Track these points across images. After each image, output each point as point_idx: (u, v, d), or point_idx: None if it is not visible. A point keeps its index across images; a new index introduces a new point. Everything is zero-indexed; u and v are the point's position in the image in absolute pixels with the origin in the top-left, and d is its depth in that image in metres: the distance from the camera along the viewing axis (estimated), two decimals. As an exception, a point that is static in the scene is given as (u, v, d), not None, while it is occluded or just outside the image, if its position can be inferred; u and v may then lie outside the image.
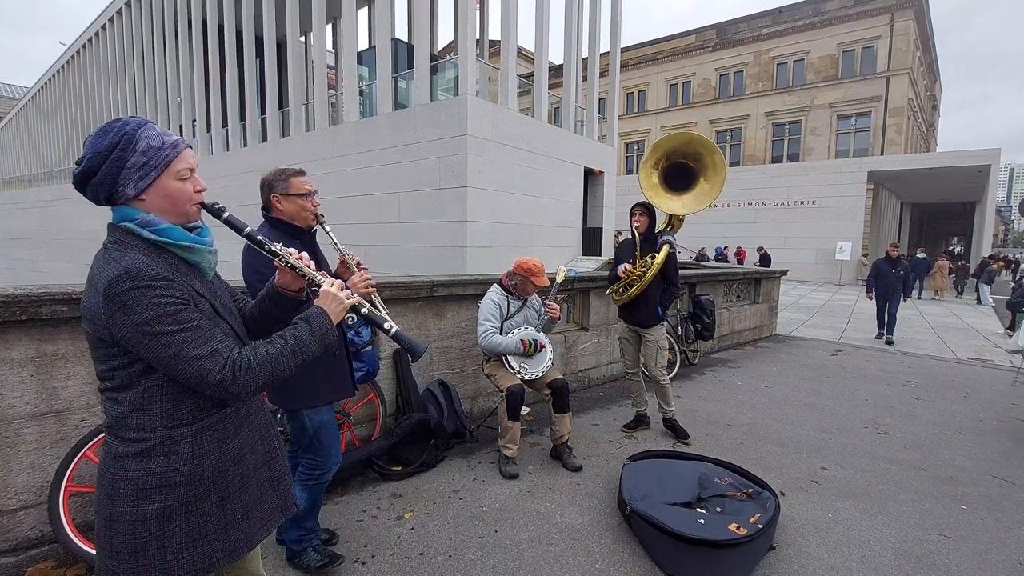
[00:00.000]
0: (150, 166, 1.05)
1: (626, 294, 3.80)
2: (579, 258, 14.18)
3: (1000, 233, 58.43)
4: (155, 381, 1.08)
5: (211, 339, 1.07)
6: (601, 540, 2.51)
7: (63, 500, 2.17)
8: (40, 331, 2.22)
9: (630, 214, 3.80)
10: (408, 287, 3.53)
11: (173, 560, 1.08)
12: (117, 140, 1.03)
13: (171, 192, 1.09)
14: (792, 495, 3.01)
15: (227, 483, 1.17)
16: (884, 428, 4.22)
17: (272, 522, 1.29)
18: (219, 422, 1.16)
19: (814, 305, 13.91)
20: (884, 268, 8.58)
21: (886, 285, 8.57)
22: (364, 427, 3.41)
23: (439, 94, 12.05)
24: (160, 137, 1.08)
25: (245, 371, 1.07)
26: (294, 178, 2.01)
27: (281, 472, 1.35)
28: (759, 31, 25.99)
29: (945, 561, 2.42)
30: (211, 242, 1.17)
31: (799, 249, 22.64)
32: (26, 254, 31.78)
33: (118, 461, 1.07)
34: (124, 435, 1.08)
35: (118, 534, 1.06)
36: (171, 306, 1.02)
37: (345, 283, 1.33)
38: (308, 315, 1.22)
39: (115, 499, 1.06)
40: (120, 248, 1.04)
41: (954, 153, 20.52)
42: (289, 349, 1.15)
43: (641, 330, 3.88)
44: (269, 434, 1.33)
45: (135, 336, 1.01)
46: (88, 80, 27.18)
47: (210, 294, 1.17)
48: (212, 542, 1.13)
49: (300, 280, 1.30)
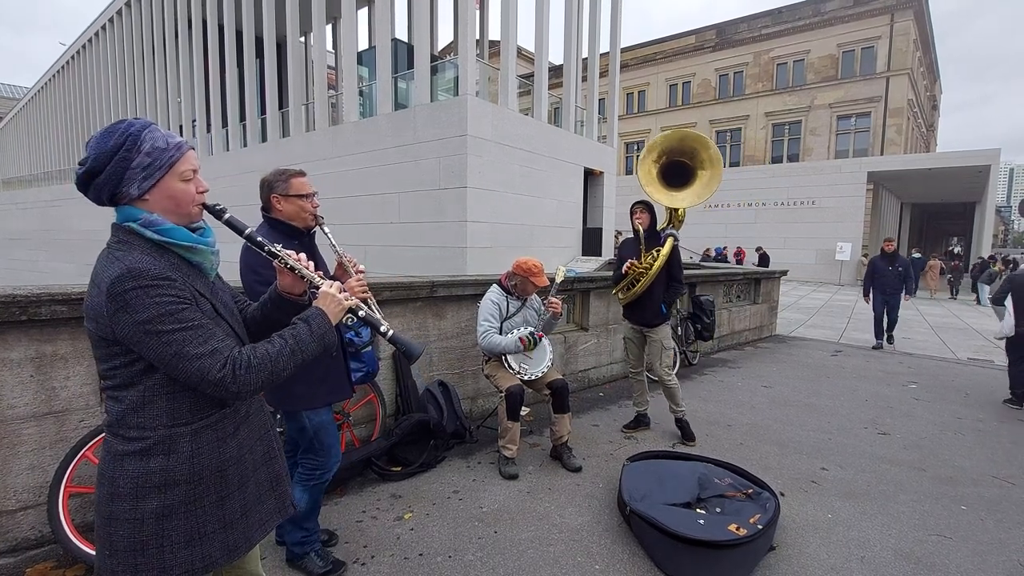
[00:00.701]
0: (154, 167, 1.07)
1: (631, 292, 3.76)
2: (579, 258, 14.18)
3: (1000, 233, 58.44)
4: (155, 380, 1.08)
5: (212, 338, 1.08)
6: (601, 541, 2.51)
7: (62, 501, 2.17)
8: (39, 331, 2.22)
9: (631, 212, 3.77)
10: (408, 287, 3.53)
11: (172, 559, 1.09)
12: (122, 141, 1.05)
13: (175, 193, 1.10)
14: (792, 495, 3.01)
15: (226, 483, 1.17)
16: (884, 428, 4.22)
17: (270, 522, 1.30)
18: (218, 422, 1.17)
19: (814, 305, 13.91)
20: (880, 266, 7.88)
21: (884, 284, 7.88)
22: (364, 428, 3.41)
23: (439, 94, 12.05)
24: (164, 139, 1.09)
25: (245, 370, 1.08)
26: (294, 179, 2.01)
27: (279, 473, 1.35)
28: (759, 31, 26.00)
29: (945, 562, 2.42)
30: (213, 243, 1.19)
31: (799, 249, 22.64)
32: (26, 254, 31.78)
33: (118, 460, 1.08)
34: (124, 434, 1.08)
35: (117, 532, 1.06)
36: (173, 305, 1.03)
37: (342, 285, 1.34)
38: (307, 316, 1.23)
39: (115, 497, 1.07)
40: (123, 248, 1.05)
41: (954, 153, 20.52)
42: (288, 349, 1.16)
43: (646, 330, 3.85)
44: (268, 435, 1.34)
45: (137, 335, 1.01)
46: (88, 80, 27.19)
47: (212, 294, 1.18)
48: (211, 542, 1.13)
49: (302, 283, 1.31)
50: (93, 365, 2.37)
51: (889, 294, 7.84)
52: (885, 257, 7.91)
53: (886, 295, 7.84)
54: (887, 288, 7.83)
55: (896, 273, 7.81)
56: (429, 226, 11.31)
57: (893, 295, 7.86)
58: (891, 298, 7.86)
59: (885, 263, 7.86)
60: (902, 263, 7.91)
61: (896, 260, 7.83)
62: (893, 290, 7.84)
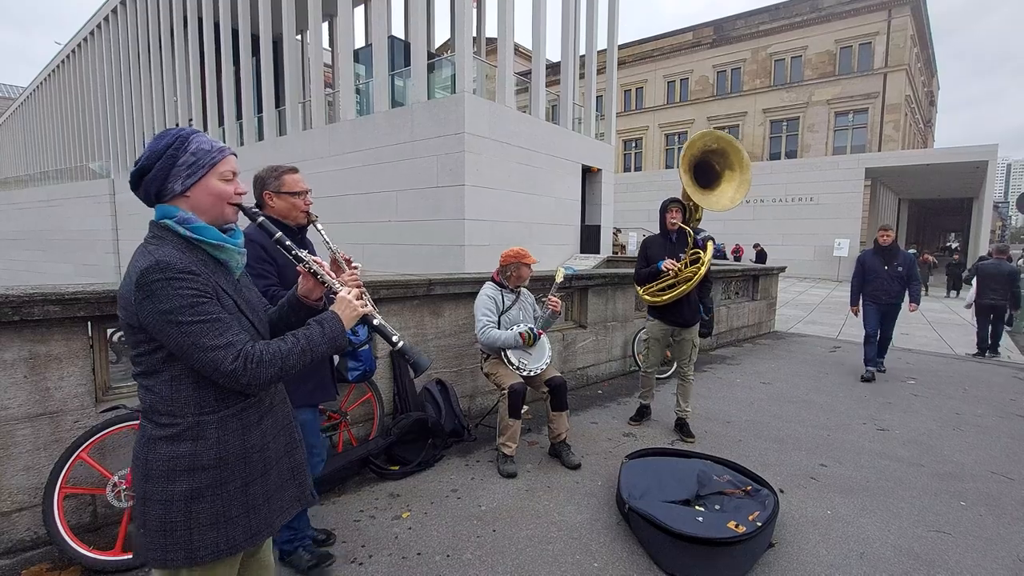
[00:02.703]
0: (198, 165, 1.17)
1: (672, 293, 3.64)
2: (577, 256, 14.17)
3: (998, 229, 58.50)
4: (180, 370, 1.15)
5: (227, 332, 1.14)
6: (600, 538, 2.50)
7: (58, 502, 2.15)
8: (33, 332, 2.20)
9: (665, 210, 3.69)
10: (405, 286, 3.51)
11: (199, 540, 1.16)
12: (172, 141, 1.16)
13: (215, 190, 1.20)
14: (791, 492, 3.01)
15: (250, 469, 1.24)
16: (883, 424, 4.22)
17: (291, 510, 1.36)
18: (243, 411, 1.23)
19: (812, 302, 13.93)
20: (874, 264, 5.70)
21: (879, 289, 5.64)
22: (362, 426, 3.40)
23: (436, 92, 12.02)
24: (209, 142, 1.21)
25: (256, 364, 1.14)
26: (286, 175, 2.01)
27: (300, 463, 1.42)
28: (757, 28, 25.97)
29: (944, 558, 2.42)
30: (241, 244, 1.27)
31: (797, 246, 22.67)
32: (23, 255, 31.69)
33: (151, 443, 1.16)
34: (157, 420, 1.16)
35: (150, 512, 1.15)
36: (194, 298, 1.10)
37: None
38: (322, 318, 1.30)
39: (148, 478, 1.15)
40: (156, 242, 1.14)
41: (951, 149, 20.54)
42: (300, 347, 1.22)
43: (682, 330, 3.82)
44: (290, 426, 1.41)
45: (159, 323, 1.09)
46: (84, 80, 27.07)
47: (235, 291, 1.25)
48: (235, 525, 1.20)
49: (320, 288, 1.39)
50: (87, 365, 2.36)
51: (885, 303, 5.66)
52: (880, 252, 5.69)
53: (881, 304, 5.65)
54: (882, 294, 5.63)
55: (895, 274, 5.60)
56: (427, 224, 11.30)
57: (890, 304, 5.67)
58: (888, 308, 5.69)
59: (880, 260, 5.66)
60: (904, 260, 5.65)
61: (896, 256, 5.63)
62: (890, 297, 5.64)
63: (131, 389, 2.55)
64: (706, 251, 3.60)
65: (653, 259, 3.73)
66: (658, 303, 3.75)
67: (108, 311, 2.35)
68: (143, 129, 22.31)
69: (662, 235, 3.79)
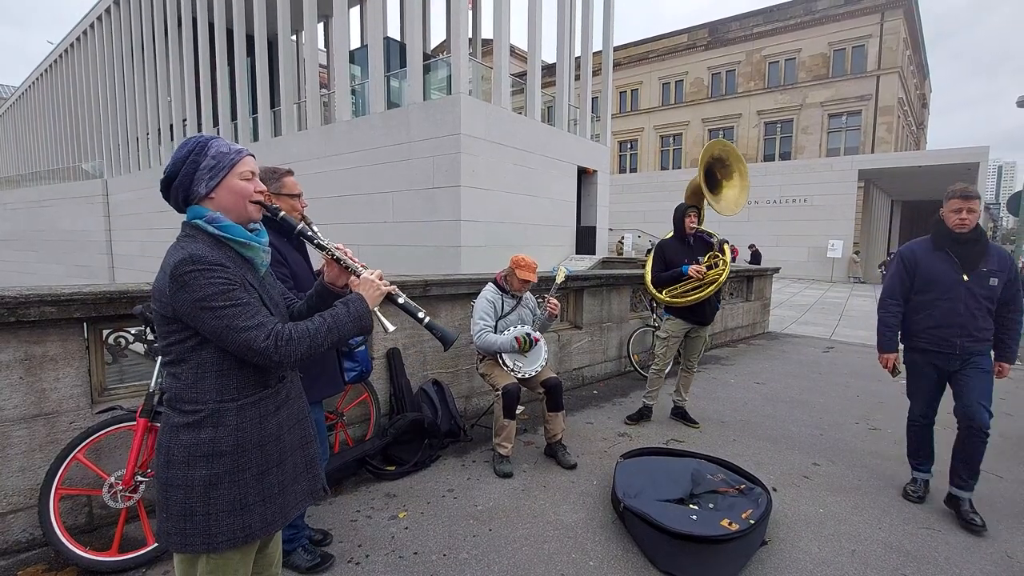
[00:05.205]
0: (219, 167, 1.24)
1: (699, 294, 3.80)
2: (573, 257, 14.21)
3: (989, 230, 59.05)
4: (205, 357, 1.22)
5: (258, 314, 1.22)
6: (595, 537, 2.52)
7: (54, 503, 2.15)
8: (28, 333, 2.20)
9: (685, 215, 3.86)
10: (401, 286, 3.50)
11: (216, 526, 1.21)
12: (193, 147, 1.24)
13: (236, 189, 1.27)
14: (784, 491, 3.04)
15: (266, 458, 1.29)
16: (875, 424, 4.26)
17: (303, 502, 1.41)
18: (261, 400, 1.29)
19: (806, 302, 14.01)
20: (938, 269, 2.77)
21: (944, 325, 2.74)
22: (358, 427, 3.40)
23: (432, 93, 12.03)
24: (227, 145, 1.28)
25: (287, 342, 1.22)
26: (286, 178, 2.07)
27: (314, 457, 1.46)
28: (751, 30, 26.11)
29: (934, 554, 2.45)
30: (266, 242, 1.34)
31: (791, 247, 22.79)
32: (15, 255, 31.44)
33: (174, 431, 1.22)
34: (181, 407, 1.23)
35: (171, 497, 1.21)
36: (224, 285, 1.18)
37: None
38: (347, 299, 1.37)
39: (170, 464, 1.21)
40: (188, 240, 1.22)
41: (943, 151, 20.70)
42: (327, 326, 1.29)
43: (700, 328, 4.02)
44: (306, 420, 1.46)
45: (193, 311, 1.16)
46: (76, 79, 26.89)
47: (260, 286, 1.31)
48: (251, 513, 1.25)
49: (345, 275, 1.46)
50: (83, 366, 2.36)
51: (962, 351, 2.74)
52: (950, 245, 2.76)
53: (945, 353, 2.79)
54: (954, 333, 2.73)
55: (984, 291, 2.70)
56: (423, 225, 11.30)
57: (969, 355, 2.75)
58: (964, 363, 2.77)
59: (951, 262, 2.75)
60: (1000, 262, 2.71)
61: (984, 255, 2.71)
62: (971, 340, 2.72)
63: (127, 390, 2.55)
64: (724, 253, 3.83)
65: (672, 262, 3.87)
66: (682, 304, 3.87)
67: (104, 312, 2.35)
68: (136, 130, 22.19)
69: (678, 239, 3.94)
